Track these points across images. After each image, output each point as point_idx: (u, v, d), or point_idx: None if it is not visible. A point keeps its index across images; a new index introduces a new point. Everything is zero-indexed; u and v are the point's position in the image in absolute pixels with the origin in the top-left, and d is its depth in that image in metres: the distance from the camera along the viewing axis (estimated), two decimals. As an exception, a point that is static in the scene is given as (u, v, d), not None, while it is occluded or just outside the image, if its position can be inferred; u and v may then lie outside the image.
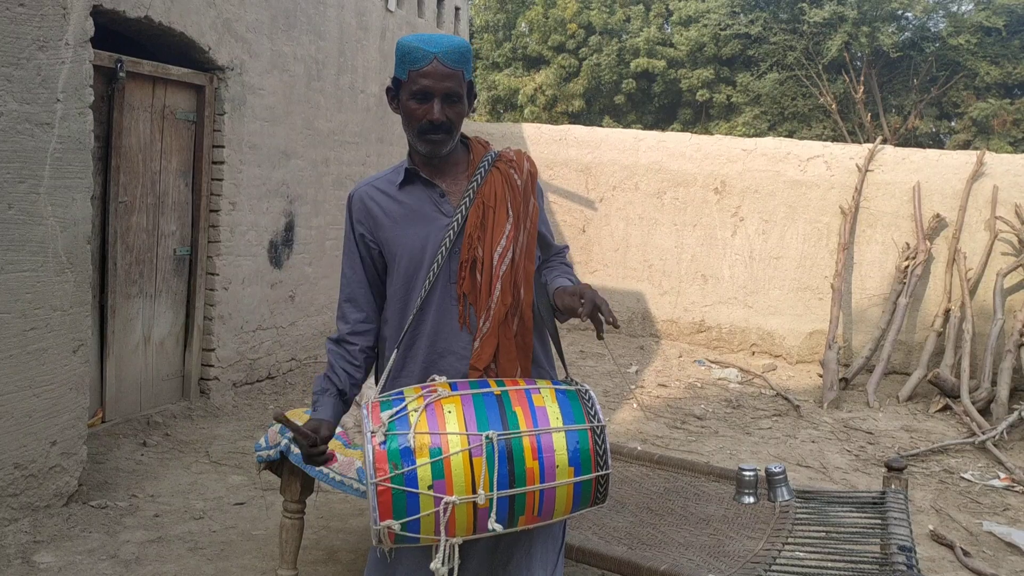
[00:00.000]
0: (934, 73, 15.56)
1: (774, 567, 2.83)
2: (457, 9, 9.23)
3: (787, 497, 3.40)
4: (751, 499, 3.43)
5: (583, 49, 18.01)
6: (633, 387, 2.09)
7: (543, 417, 1.90)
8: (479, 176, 2.13)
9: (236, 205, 5.86)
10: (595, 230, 9.12)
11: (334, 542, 3.91)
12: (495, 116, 18.93)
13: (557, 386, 2.01)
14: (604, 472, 1.92)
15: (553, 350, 2.28)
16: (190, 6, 5.25)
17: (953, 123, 16.43)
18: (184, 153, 5.54)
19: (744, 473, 3.48)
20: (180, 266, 5.59)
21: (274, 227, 6.33)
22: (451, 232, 2.08)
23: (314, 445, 2.01)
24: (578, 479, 1.90)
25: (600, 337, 1.98)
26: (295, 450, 3.19)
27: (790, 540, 3.06)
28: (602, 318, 1.95)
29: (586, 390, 2.01)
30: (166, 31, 5.14)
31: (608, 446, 1.93)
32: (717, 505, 3.43)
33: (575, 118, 17.82)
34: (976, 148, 11.87)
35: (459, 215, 2.09)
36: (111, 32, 4.85)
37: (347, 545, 3.88)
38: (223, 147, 5.70)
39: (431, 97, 2.04)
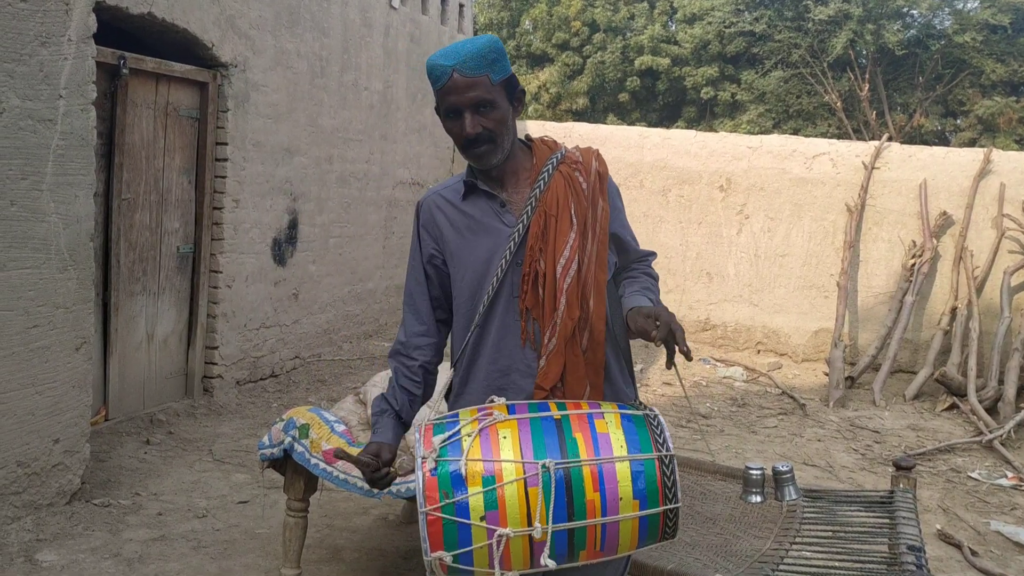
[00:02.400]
0: (939, 71, 15.51)
1: (782, 567, 2.80)
2: (461, 6, 9.21)
3: (794, 496, 3.36)
4: (758, 498, 3.39)
5: (587, 47, 17.98)
6: (671, 367, 1.93)
7: (605, 444, 1.75)
8: (541, 182, 2.02)
9: (239, 202, 5.84)
10: (599, 228, 9.08)
11: (338, 541, 3.89)
12: (499, 114, 18.88)
13: (623, 410, 1.85)
14: (673, 506, 1.76)
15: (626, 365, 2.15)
16: (193, 2, 5.22)
17: (959, 121, 16.38)
18: (187, 150, 5.52)
19: (751, 472, 3.43)
20: (183, 263, 5.57)
21: (277, 225, 6.31)
22: (512, 244, 1.99)
23: (376, 470, 1.95)
24: (643, 513, 1.74)
25: (669, 367, 1.86)
26: (299, 449, 3.17)
27: (798, 539, 3.03)
28: (676, 347, 1.81)
29: (655, 415, 1.85)
30: (169, 28, 5.12)
31: (677, 477, 1.77)
32: (724, 504, 3.40)
33: (579, 116, 17.80)
34: (982, 146, 11.85)
35: (520, 225, 1.99)
36: (114, 28, 4.83)
37: (351, 544, 3.86)
38: (226, 144, 5.68)
39: (461, 112, 1.97)
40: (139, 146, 5.11)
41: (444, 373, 2.17)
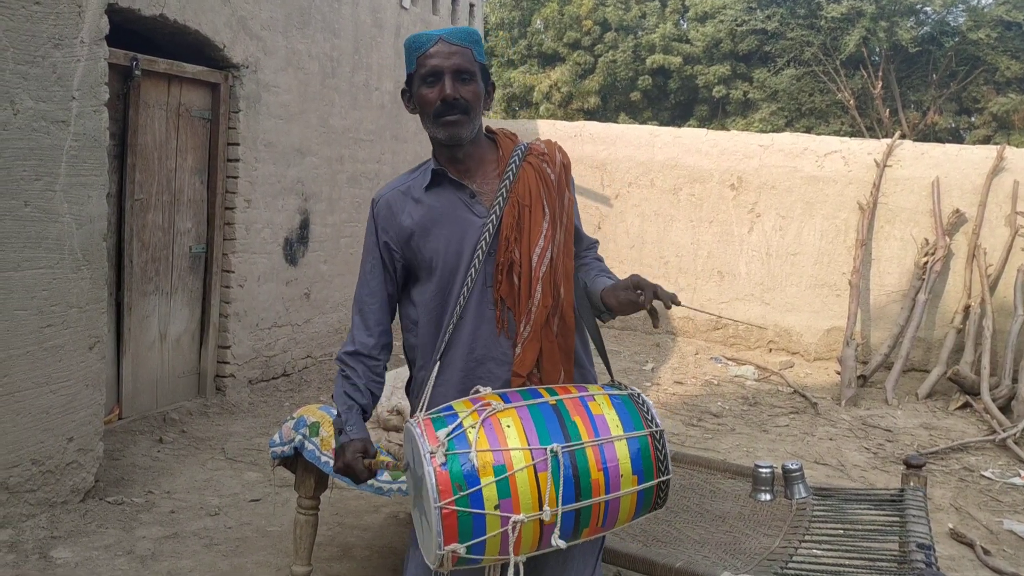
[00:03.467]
0: (953, 68, 15.43)
1: (791, 564, 2.80)
2: (472, 6, 9.23)
3: (804, 494, 3.37)
4: (768, 496, 3.40)
5: (598, 46, 17.97)
6: (648, 384, 2.02)
7: (603, 426, 1.84)
8: (511, 173, 2.05)
9: (251, 203, 5.87)
10: (610, 227, 9.09)
11: (348, 539, 3.91)
12: (510, 113, 18.92)
13: (609, 391, 1.95)
14: (666, 478, 1.88)
15: (593, 349, 2.20)
16: (205, 4, 5.26)
17: (973, 118, 16.29)
18: (199, 151, 5.56)
19: (760, 470, 3.45)
20: (196, 263, 5.61)
21: (289, 225, 6.34)
22: (487, 234, 2.00)
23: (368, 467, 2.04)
24: (642, 487, 1.85)
25: (656, 325, 1.95)
26: (309, 447, 3.19)
27: (807, 538, 3.03)
28: (660, 303, 1.90)
29: (638, 393, 1.95)
30: (181, 29, 5.15)
31: (668, 450, 1.89)
32: (733, 502, 3.40)
33: (590, 115, 17.79)
34: (996, 143, 11.78)
35: (493, 216, 2.01)
36: (126, 30, 4.87)
37: (361, 542, 3.88)
38: (238, 145, 5.71)
39: (441, 76, 1.99)
40: (151, 147, 5.14)
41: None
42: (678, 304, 1.88)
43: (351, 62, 6.95)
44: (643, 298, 1.89)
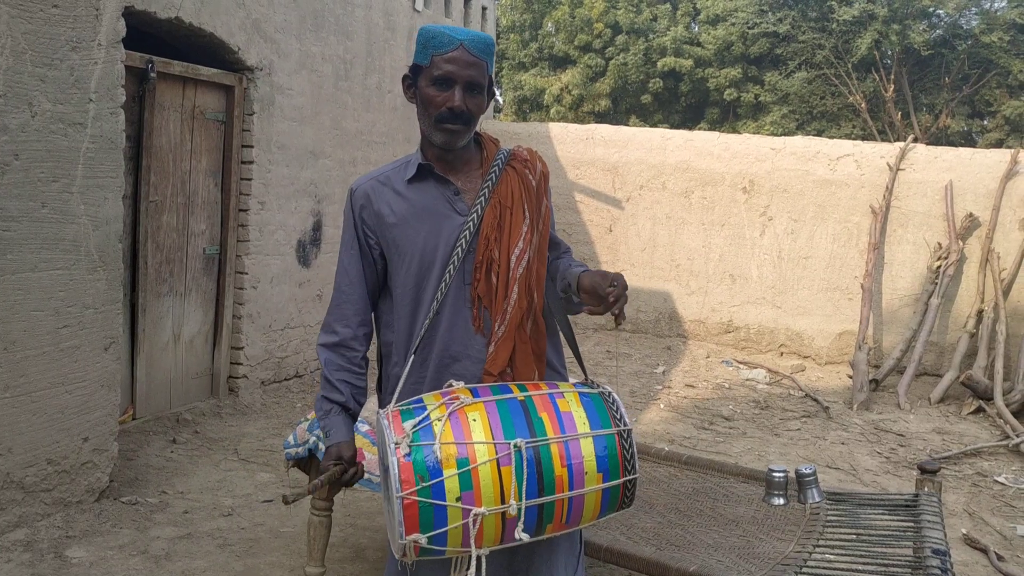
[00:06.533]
0: (966, 71, 15.37)
1: (804, 569, 2.79)
2: (484, 9, 9.24)
3: (818, 499, 3.36)
4: (781, 500, 3.39)
5: (609, 48, 17.96)
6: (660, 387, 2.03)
7: (570, 423, 1.86)
8: (494, 175, 2.07)
9: (265, 205, 5.90)
10: (622, 229, 9.08)
11: (361, 540, 3.92)
12: (521, 116, 18.93)
13: (579, 389, 1.97)
14: (632, 477, 1.89)
15: (565, 352, 2.22)
16: (220, 7, 5.29)
17: (985, 122, 16.23)
18: (213, 153, 5.58)
19: (774, 474, 3.44)
20: (209, 265, 5.63)
21: (302, 226, 6.36)
22: (467, 232, 2.02)
23: (344, 472, 2.04)
24: (606, 485, 1.86)
25: (618, 325, 1.94)
26: (323, 448, 3.20)
27: (821, 542, 3.02)
28: (616, 309, 1.90)
29: (608, 392, 1.97)
30: (196, 32, 5.18)
31: (635, 450, 1.90)
32: (746, 506, 3.39)
33: (601, 118, 17.79)
34: (1009, 147, 11.72)
35: (475, 214, 2.03)
36: (142, 33, 4.90)
37: (374, 543, 3.89)
38: (252, 147, 5.73)
39: (453, 84, 2.00)
40: (166, 149, 5.17)
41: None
42: (616, 322, 1.90)
43: (364, 65, 6.98)
44: (611, 290, 1.87)
